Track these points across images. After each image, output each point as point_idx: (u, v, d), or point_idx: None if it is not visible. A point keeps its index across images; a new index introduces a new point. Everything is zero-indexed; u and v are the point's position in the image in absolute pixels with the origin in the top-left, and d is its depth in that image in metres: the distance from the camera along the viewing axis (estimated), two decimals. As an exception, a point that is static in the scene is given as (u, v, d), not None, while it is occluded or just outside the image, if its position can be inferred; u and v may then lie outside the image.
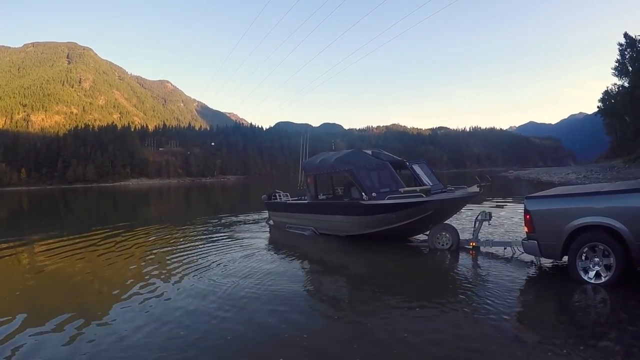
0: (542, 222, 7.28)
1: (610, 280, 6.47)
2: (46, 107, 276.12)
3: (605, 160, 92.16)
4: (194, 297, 7.34)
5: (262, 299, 7.01)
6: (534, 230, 7.36)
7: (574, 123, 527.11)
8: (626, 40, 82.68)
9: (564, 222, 6.86)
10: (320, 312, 6.51)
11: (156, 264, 10.37)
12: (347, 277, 8.84)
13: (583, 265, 6.76)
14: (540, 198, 7.68)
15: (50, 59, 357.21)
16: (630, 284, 6.55)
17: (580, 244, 6.71)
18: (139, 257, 11.57)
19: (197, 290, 7.71)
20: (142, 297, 7.44)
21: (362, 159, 12.85)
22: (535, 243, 7.39)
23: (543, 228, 7.25)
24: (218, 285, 7.97)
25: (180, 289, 7.95)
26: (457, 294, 7.03)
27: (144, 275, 9.26)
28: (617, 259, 6.38)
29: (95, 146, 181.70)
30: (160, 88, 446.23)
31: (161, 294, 7.56)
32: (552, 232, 7.05)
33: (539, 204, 7.46)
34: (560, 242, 6.91)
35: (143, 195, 67.35)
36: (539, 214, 7.32)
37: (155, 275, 9.16)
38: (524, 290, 7.11)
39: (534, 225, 7.36)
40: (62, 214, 34.75)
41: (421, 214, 10.74)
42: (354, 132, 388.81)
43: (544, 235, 7.23)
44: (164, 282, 8.53)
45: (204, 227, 18.03)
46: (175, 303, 7.05)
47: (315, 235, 13.58)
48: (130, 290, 7.99)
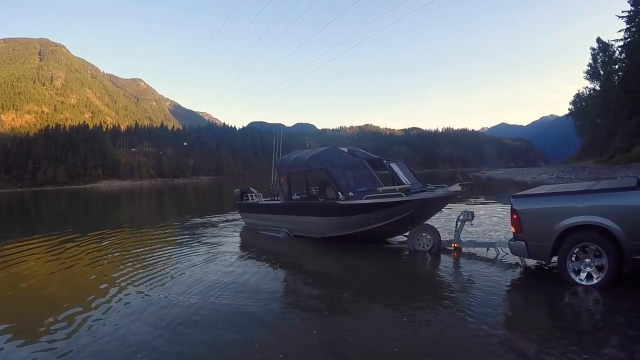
0: (530, 222, 7.05)
1: (602, 281, 6.35)
2: (17, 106, 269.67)
3: (576, 161, 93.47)
4: (128, 316, 6.42)
5: (219, 314, 6.36)
6: (522, 231, 7.12)
7: (545, 125, 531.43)
8: (599, 45, 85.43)
9: (553, 222, 6.67)
10: (291, 325, 5.97)
11: (101, 274, 9.63)
12: (323, 284, 8.36)
13: (574, 266, 6.59)
14: (528, 197, 7.46)
15: (21, 56, 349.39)
16: (623, 285, 6.44)
17: (571, 244, 6.53)
18: (85, 266, 10.74)
19: (131, 310, 6.73)
20: (62, 322, 6.35)
21: (338, 156, 12.44)
22: (523, 244, 7.13)
23: (531, 228, 7.02)
24: (167, 300, 7.11)
25: (112, 307, 6.95)
26: (441, 298, 6.80)
27: (80, 290, 8.45)
28: (610, 260, 6.24)
29: (67, 147, 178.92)
30: (132, 87, 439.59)
31: (85, 319, 6.36)
32: (541, 232, 6.84)
33: (526, 203, 7.24)
34: (550, 243, 6.70)
35: (115, 197, 66.56)
36: (527, 213, 7.08)
37: (92, 287, 8.41)
38: (512, 294, 6.95)
39: (521, 225, 7.11)
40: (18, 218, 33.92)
41: (401, 214, 10.35)
42: (327, 132, 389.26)
43: (532, 236, 7.01)
44: (98, 298, 7.52)
45: (170, 229, 17.72)
46: (98, 329, 5.97)
47: (290, 237, 13.20)
48: (56, 308, 7.04)
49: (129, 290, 7.93)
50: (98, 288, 8.34)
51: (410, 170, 12.83)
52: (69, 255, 12.18)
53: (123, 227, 19.37)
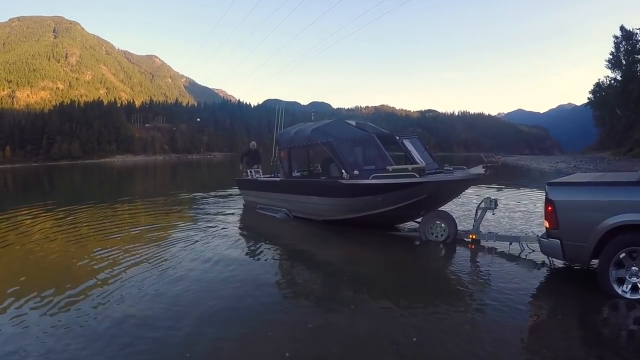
0: (569, 217, 5.81)
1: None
2: (32, 83, 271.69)
3: (593, 152, 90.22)
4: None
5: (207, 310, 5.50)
6: (558, 226, 5.88)
7: (562, 113, 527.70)
8: (622, 33, 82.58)
9: (598, 218, 5.45)
10: (285, 322, 5.18)
11: (65, 260, 8.49)
12: (320, 276, 7.37)
13: (618, 274, 5.41)
14: (569, 185, 6.22)
15: (36, 34, 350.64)
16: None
17: (617, 247, 5.33)
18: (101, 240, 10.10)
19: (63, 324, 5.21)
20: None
21: (343, 130, 11.29)
22: (557, 243, 5.92)
23: (570, 224, 5.79)
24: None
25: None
26: (450, 303, 5.73)
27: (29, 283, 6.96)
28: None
29: (81, 122, 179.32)
30: (148, 63, 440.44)
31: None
32: (582, 229, 5.62)
33: (566, 192, 5.99)
34: (591, 244, 5.51)
35: (128, 171, 66.15)
36: (566, 205, 5.85)
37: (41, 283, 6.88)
38: (537, 300, 5.83)
39: (558, 219, 5.87)
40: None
41: (413, 198, 9.15)
42: (342, 111, 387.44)
43: (570, 234, 5.79)
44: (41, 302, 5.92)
45: (171, 205, 17.11)
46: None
47: (289, 218, 12.26)
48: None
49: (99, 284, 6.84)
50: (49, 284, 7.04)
51: (425, 149, 11.49)
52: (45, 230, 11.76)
53: (125, 200, 18.53)
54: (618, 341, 4.57)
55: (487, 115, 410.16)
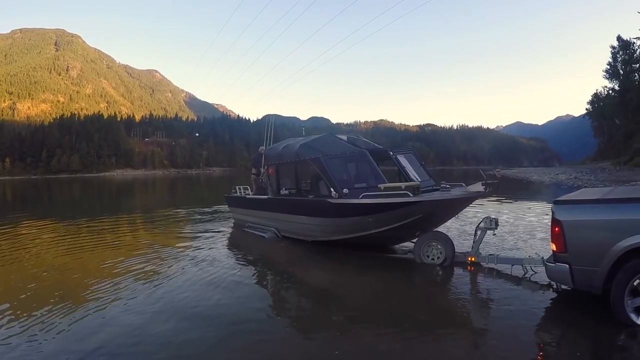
0: (579, 239, 5.14)
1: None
2: (33, 95, 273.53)
3: (592, 162, 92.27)
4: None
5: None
6: (566, 249, 5.20)
7: (560, 125, 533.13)
8: (619, 43, 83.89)
9: (612, 240, 4.81)
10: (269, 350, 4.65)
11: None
12: (306, 301, 6.81)
13: (635, 303, 4.71)
14: (577, 203, 5.48)
15: (37, 46, 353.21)
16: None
17: (631, 273, 4.69)
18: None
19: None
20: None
21: (333, 145, 10.63)
22: (566, 267, 5.22)
23: (580, 247, 5.13)
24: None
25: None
26: (444, 332, 5.09)
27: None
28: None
29: (81, 135, 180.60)
30: (148, 77, 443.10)
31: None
32: (594, 253, 4.97)
33: (575, 211, 5.29)
34: (604, 268, 4.85)
35: (127, 186, 65.33)
36: (576, 226, 5.17)
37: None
38: (543, 329, 5.16)
39: (566, 242, 5.19)
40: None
41: (407, 219, 8.35)
42: (341, 126, 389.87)
43: (580, 258, 5.12)
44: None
45: (162, 222, 16.51)
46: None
47: (277, 238, 11.47)
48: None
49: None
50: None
51: (421, 165, 10.91)
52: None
53: (124, 216, 17.99)
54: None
55: (486, 129, 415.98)
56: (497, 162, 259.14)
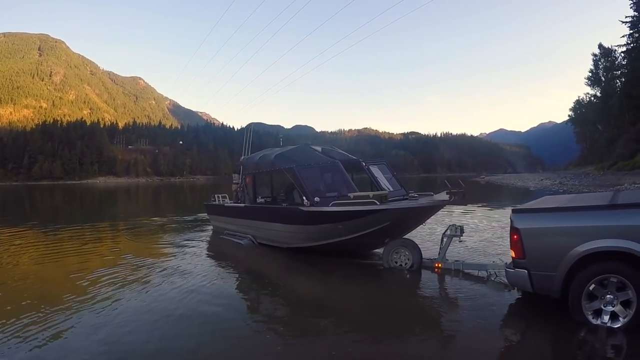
0: (536, 245, 5.39)
1: (632, 321, 4.81)
2: (15, 101, 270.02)
3: (575, 167, 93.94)
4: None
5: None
6: (524, 256, 5.44)
7: (543, 131, 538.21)
8: (600, 51, 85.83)
9: (568, 246, 5.08)
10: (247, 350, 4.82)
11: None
12: (287, 308, 6.84)
13: (593, 307, 5.00)
14: (535, 212, 5.78)
15: (21, 51, 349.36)
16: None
17: (586, 279, 4.98)
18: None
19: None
20: None
21: (307, 156, 10.98)
22: (524, 273, 5.46)
23: (538, 253, 5.36)
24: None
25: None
26: (410, 331, 5.28)
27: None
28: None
29: (63, 142, 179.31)
30: (132, 84, 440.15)
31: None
32: (551, 258, 5.22)
33: (532, 219, 5.57)
34: (561, 273, 5.12)
35: (110, 193, 65.13)
36: (533, 233, 5.42)
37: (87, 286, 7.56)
38: (508, 325, 5.53)
39: (524, 248, 5.43)
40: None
41: (375, 226, 8.71)
42: (326, 134, 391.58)
43: (538, 263, 5.36)
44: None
45: (141, 231, 16.58)
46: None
47: (253, 245, 11.78)
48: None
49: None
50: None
51: (392, 175, 11.38)
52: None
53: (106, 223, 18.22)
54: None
55: (470, 136, 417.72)
56: (481, 168, 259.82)
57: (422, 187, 9.72)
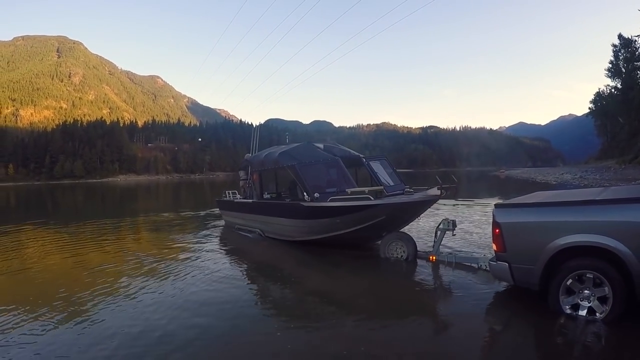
0: (515, 239, 5.68)
1: (608, 317, 4.97)
2: (35, 102, 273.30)
3: (596, 161, 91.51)
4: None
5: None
6: (505, 249, 5.76)
7: (563, 124, 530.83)
8: (620, 42, 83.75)
9: (545, 240, 5.32)
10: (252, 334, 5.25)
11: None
12: (295, 296, 7.26)
13: (569, 302, 5.26)
14: (515, 207, 6.11)
15: (40, 53, 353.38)
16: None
17: (563, 274, 5.22)
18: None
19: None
20: None
21: (309, 153, 11.51)
22: (505, 266, 5.77)
23: (517, 247, 5.67)
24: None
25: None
26: (404, 318, 5.76)
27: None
28: (616, 290, 4.91)
29: (84, 141, 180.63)
30: (150, 83, 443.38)
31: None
32: (530, 252, 5.50)
33: (512, 214, 5.86)
34: (539, 267, 5.36)
35: (131, 191, 65.78)
36: (512, 227, 5.71)
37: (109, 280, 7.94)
38: (492, 314, 5.94)
39: (504, 242, 5.75)
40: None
41: (371, 220, 9.27)
42: (344, 129, 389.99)
43: (518, 257, 5.66)
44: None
45: (159, 225, 17.26)
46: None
47: (261, 238, 12.45)
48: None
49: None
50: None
51: (393, 170, 11.88)
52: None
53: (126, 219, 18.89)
54: (571, 353, 4.65)
55: (489, 130, 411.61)
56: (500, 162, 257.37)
57: (442, 181, 9.46)
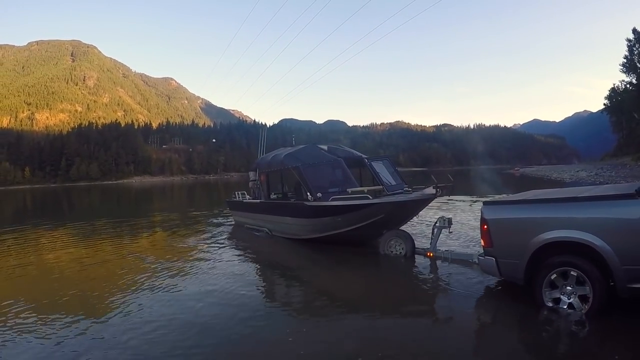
0: (501, 235, 5.88)
1: (588, 313, 5.06)
2: (50, 106, 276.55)
3: (612, 158, 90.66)
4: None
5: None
6: (492, 245, 5.96)
7: (578, 121, 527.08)
8: (634, 36, 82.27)
9: (528, 236, 5.47)
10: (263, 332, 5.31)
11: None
12: (302, 291, 7.67)
13: (552, 295, 5.38)
14: (501, 204, 6.35)
15: (54, 57, 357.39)
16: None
17: (547, 269, 5.34)
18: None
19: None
20: None
21: (313, 155, 11.96)
22: (492, 261, 5.97)
23: (503, 242, 5.85)
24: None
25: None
26: (418, 305, 6.33)
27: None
28: (595, 289, 4.98)
29: (99, 144, 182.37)
30: (164, 85, 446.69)
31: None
32: (514, 247, 5.66)
33: (499, 211, 6.09)
34: (523, 261, 5.51)
35: (146, 192, 66.23)
36: (499, 223, 5.93)
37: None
38: (482, 306, 6.23)
39: (491, 238, 5.95)
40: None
41: (370, 218, 9.65)
42: (358, 128, 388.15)
43: (503, 251, 5.84)
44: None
45: (169, 223, 17.90)
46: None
47: (269, 236, 12.88)
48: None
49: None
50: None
51: (394, 170, 12.32)
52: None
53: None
54: (557, 346, 4.72)
55: (503, 127, 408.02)
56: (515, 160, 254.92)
57: (457, 180, 9.86)
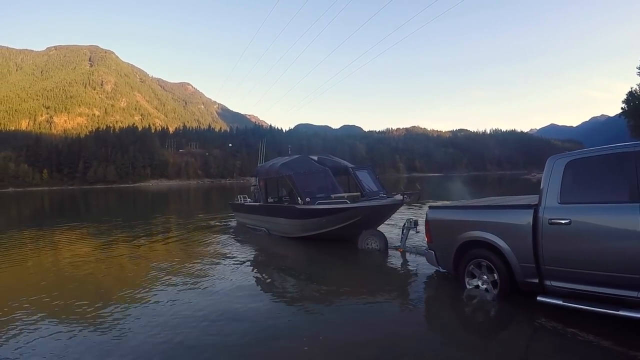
0: (437, 233, 7.09)
1: (498, 295, 6.02)
2: (69, 109, 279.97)
3: None
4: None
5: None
6: (432, 240, 7.19)
7: (595, 125, 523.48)
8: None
9: (454, 234, 6.57)
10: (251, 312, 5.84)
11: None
12: (295, 280, 8.28)
13: (472, 283, 6.42)
14: (440, 208, 7.66)
15: (72, 62, 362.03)
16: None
17: (467, 260, 6.41)
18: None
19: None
20: None
21: (304, 164, 13.44)
22: (432, 254, 7.19)
23: (439, 238, 7.05)
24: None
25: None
26: (389, 292, 7.07)
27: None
28: (502, 278, 5.91)
29: (116, 147, 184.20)
30: (181, 90, 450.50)
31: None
32: (446, 243, 6.75)
33: (437, 213, 7.28)
34: (451, 255, 6.59)
35: (163, 195, 66.16)
36: (436, 223, 7.12)
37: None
38: (451, 292, 6.71)
39: (431, 235, 7.17)
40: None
41: (349, 220, 11.10)
42: (373, 134, 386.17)
43: (439, 246, 7.03)
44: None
45: (187, 226, 17.92)
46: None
47: (267, 235, 14.31)
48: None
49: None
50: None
51: (375, 178, 13.93)
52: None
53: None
54: (474, 317, 5.78)
55: (520, 132, 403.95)
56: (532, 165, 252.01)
57: (473, 186, 12.54)
